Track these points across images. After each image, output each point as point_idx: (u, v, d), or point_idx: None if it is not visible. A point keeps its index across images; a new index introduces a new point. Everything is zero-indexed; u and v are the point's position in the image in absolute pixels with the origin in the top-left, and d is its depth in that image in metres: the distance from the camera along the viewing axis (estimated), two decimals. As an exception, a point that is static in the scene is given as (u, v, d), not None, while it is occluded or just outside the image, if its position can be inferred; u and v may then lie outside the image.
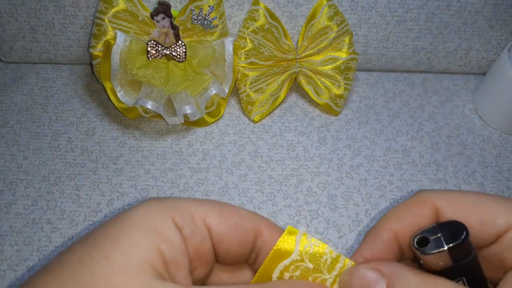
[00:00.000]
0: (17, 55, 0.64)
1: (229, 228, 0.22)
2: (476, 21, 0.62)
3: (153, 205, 0.21)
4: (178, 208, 0.21)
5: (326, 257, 0.23)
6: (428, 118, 0.63)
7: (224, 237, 0.22)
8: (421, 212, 0.24)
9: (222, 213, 0.22)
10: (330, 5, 0.58)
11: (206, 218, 0.22)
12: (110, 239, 0.19)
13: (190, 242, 0.21)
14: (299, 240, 0.23)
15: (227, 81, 0.58)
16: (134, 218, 0.20)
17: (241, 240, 0.23)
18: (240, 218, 0.23)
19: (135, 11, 0.55)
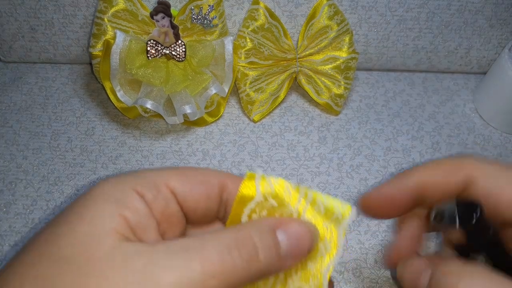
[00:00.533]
0: (16, 55, 0.63)
1: (192, 186, 0.23)
2: (476, 20, 0.62)
3: (114, 180, 0.22)
4: (139, 178, 0.22)
5: (287, 192, 0.24)
6: (428, 118, 0.63)
7: (188, 195, 0.23)
8: (454, 177, 0.24)
9: (184, 174, 0.23)
10: (330, 4, 0.58)
11: (169, 182, 0.23)
12: (74, 215, 0.20)
13: (155, 207, 0.22)
14: (259, 183, 0.24)
15: (227, 81, 0.58)
16: (97, 192, 0.21)
17: (206, 195, 0.23)
18: (203, 175, 0.24)
19: (135, 10, 0.55)
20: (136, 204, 0.21)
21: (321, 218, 0.24)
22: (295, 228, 0.22)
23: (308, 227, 0.23)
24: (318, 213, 0.24)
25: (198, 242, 0.20)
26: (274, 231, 0.22)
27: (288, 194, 0.24)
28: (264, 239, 0.21)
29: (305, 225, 0.23)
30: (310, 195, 0.24)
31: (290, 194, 0.24)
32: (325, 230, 0.24)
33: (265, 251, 0.21)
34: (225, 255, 0.19)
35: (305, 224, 0.23)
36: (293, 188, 0.24)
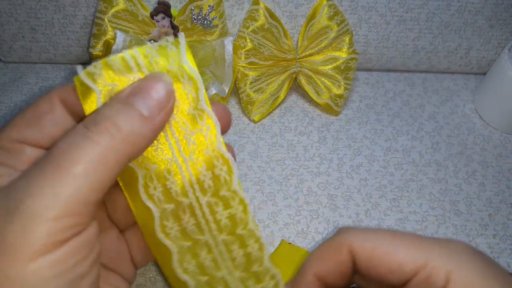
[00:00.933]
0: (16, 55, 0.64)
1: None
2: (476, 20, 0.62)
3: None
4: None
5: (116, 65, 0.23)
6: (428, 118, 0.63)
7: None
8: (340, 257, 0.25)
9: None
10: (330, 4, 0.58)
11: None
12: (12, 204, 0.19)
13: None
14: (90, 80, 0.23)
15: (227, 81, 0.58)
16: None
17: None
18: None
19: (135, 10, 0.55)
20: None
21: (161, 64, 0.23)
22: (140, 83, 0.22)
23: (152, 75, 0.22)
24: (155, 61, 0.23)
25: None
26: (126, 99, 0.21)
27: (118, 67, 0.23)
28: (115, 108, 0.21)
29: (150, 75, 0.22)
30: (136, 52, 0.23)
31: (119, 64, 0.23)
32: (173, 72, 0.23)
33: (123, 118, 0.21)
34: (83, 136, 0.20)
35: (152, 74, 0.23)
36: (118, 58, 0.23)
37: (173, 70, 0.23)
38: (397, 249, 0.24)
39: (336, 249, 0.25)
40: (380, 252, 0.24)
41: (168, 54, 0.23)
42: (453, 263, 0.22)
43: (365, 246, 0.24)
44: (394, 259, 0.23)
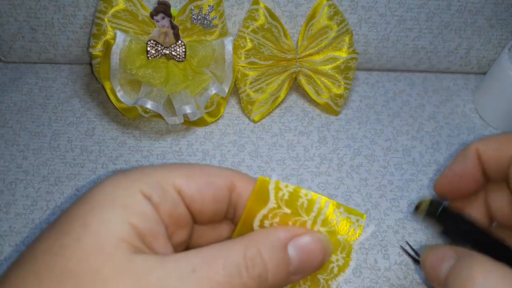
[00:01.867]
0: (16, 55, 0.63)
1: (199, 187, 0.22)
2: (476, 20, 0.62)
3: (118, 179, 0.21)
4: (145, 177, 0.21)
5: (302, 200, 0.23)
6: (428, 118, 0.63)
7: (196, 197, 0.22)
8: (508, 145, 0.26)
9: (190, 174, 0.22)
10: (330, 4, 0.58)
11: (175, 182, 0.22)
12: (78, 222, 0.19)
13: (162, 209, 0.21)
14: (273, 189, 0.23)
15: (227, 81, 0.58)
16: (101, 196, 0.20)
17: (214, 197, 0.22)
18: (210, 175, 0.23)
19: (135, 10, 0.55)
20: (144, 208, 0.20)
21: (337, 229, 0.23)
22: (307, 242, 0.22)
23: (321, 241, 0.22)
24: (334, 224, 0.23)
25: (206, 261, 0.19)
26: (285, 246, 0.21)
27: (303, 203, 0.23)
28: (275, 257, 0.20)
29: (318, 239, 0.22)
30: (327, 204, 0.23)
31: (306, 202, 0.23)
32: (339, 243, 0.23)
33: (275, 270, 0.20)
34: (234, 276, 0.19)
35: (319, 238, 0.22)
36: (309, 196, 0.23)
37: (340, 240, 0.23)
38: None
39: (506, 138, 0.27)
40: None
41: (348, 228, 0.23)
42: None
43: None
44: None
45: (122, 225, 0.19)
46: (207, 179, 0.22)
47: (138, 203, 0.20)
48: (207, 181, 0.22)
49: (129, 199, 0.20)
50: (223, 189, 0.23)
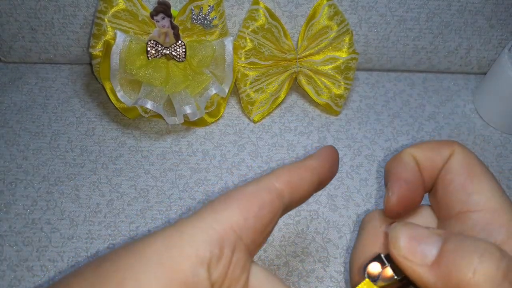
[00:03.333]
0: (16, 55, 0.63)
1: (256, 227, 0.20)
2: (476, 20, 0.62)
3: (171, 235, 0.18)
4: (204, 232, 0.18)
5: None
6: (428, 118, 0.63)
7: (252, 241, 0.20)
8: (441, 150, 0.23)
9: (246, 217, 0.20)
10: (330, 4, 0.58)
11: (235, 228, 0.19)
12: (115, 276, 0.17)
13: (217, 273, 0.18)
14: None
15: (227, 81, 0.58)
16: (148, 250, 0.18)
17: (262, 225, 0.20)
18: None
19: (135, 11, 0.55)
20: (193, 278, 0.17)
21: None
22: None
23: None
24: None
25: None
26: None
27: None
28: None
29: None
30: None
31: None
32: None
33: None
34: None
35: None
36: None
37: None
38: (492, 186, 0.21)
39: (439, 144, 0.23)
40: (473, 172, 0.22)
41: None
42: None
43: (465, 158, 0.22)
44: (480, 186, 0.21)
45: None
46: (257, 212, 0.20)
47: (186, 270, 0.17)
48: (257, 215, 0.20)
49: (180, 261, 0.17)
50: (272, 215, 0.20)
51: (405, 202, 0.23)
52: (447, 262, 0.18)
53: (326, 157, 0.22)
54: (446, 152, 0.23)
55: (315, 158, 0.22)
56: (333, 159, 0.23)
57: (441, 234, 0.19)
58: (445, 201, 0.23)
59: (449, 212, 0.22)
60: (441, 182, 0.23)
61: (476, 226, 0.21)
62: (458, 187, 0.22)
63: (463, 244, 0.18)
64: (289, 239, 0.50)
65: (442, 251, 0.18)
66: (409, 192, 0.23)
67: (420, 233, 0.20)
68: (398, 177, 0.23)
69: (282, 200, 0.20)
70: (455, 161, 0.22)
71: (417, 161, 0.23)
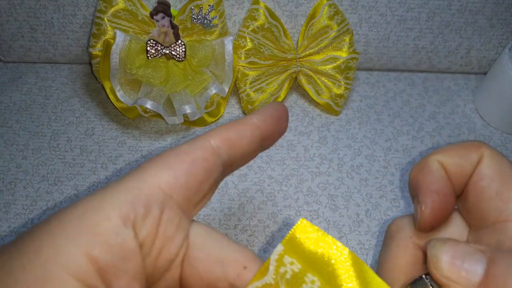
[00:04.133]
0: (16, 55, 0.63)
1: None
2: (477, 20, 0.62)
3: (95, 197, 0.17)
4: (129, 192, 0.17)
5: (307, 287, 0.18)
6: (428, 118, 0.63)
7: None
8: (469, 155, 0.21)
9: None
10: (331, 4, 0.58)
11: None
12: (32, 245, 0.16)
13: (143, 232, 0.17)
14: (275, 260, 0.18)
15: (227, 81, 0.58)
16: (68, 216, 0.17)
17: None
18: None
19: (135, 10, 0.55)
20: (114, 237, 0.16)
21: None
22: None
23: None
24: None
25: None
26: None
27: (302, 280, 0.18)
28: None
29: None
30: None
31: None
32: None
33: None
34: None
35: None
36: (317, 283, 0.18)
37: None
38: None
39: (466, 148, 0.22)
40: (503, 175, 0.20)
41: None
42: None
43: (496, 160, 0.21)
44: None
45: (78, 257, 0.16)
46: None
47: (107, 231, 0.16)
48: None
49: (101, 224, 0.16)
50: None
51: (439, 215, 0.22)
52: (497, 284, 0.17)
53: (269, 113, 0.21)
54: (475, 156, 0.22)
55: (257, 114, 0.21)
56: (278, 114, 0.21)
57: (484, 251, 0.18)
58: (479, 210, 0.21)
59: (483, 221, 0.21)
60: (473, 190, 0.22)
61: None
62: (492, 194, 0.21)
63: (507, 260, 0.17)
64: (289, 239, 0.50)
65: (490, 271, 0.17)
66: (442, 204, 0.22)
67: (463, 251, 0.18)
68: (429, 189, 0.21)
69: (218, 156, 0.19)
70: (486, 166, 0.21)
71: (445, 168, 0.22)
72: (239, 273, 0.18)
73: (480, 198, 0.21)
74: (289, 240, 0.19)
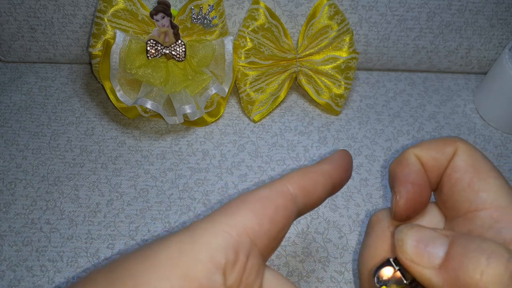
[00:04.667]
0: (16, 55, 0.63)
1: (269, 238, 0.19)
2: (477, 20, 0.62)
3: (186, 240, 0.18)
4: (218, 236, 0.18)
5: None
6: (429, 118, 0.63)
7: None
8: (445, 149, 0.22)
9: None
10: (331, 4, 0.58)
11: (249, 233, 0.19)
12: (133, 282, 0.17)
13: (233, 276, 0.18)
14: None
15: (227, 81, 0.58)
16: (166, 255, 0.17)
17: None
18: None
19: (135, 10, 0.55)
20: (208, 284, 0.17)
21: None
22: None
23: None
24: None
25: None
26: None
27: None
28: None
29: None
30: None
31: None
32: None
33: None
34: None
35: None
36: None
37: None
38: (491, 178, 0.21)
39: (444, 142, 0.23)
40: (478, 168, 0.21)
41: None
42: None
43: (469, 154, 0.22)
44: (484, 183, 0.21)
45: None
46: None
47: (202, 276, 0.17)
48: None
49: (193, 267, 0.17)
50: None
51: (414, 205, 0.23)
52: (454, 264, 0.18)
53: (340, 161, 0.22)
54: (450, 150, 0.22)
55: (329, 162, 0.22)
56: (347, 163, 0.23)
57: (448, 236, 0.19)
58: (452, 200, 0.22)
59: (456, 211, 0.22)
60: (447, 181, 0.22)
61: (484, 224, 0.20)
62: (464, 185, 0.21)
63: (470, 245, 0.18)
64: (289, 239, 0.50)
65: (449, 253, 0.18)
66: (417, 195, 0.22)
67: (427, 235, 0.19)
68: (404, 180, 0.22)
69: (295, 204, 0.20)
70: (459, 159, 0.22)
71: (421, 162, 0.23)
72: None
73: (453, 190, 0.22)
74: None
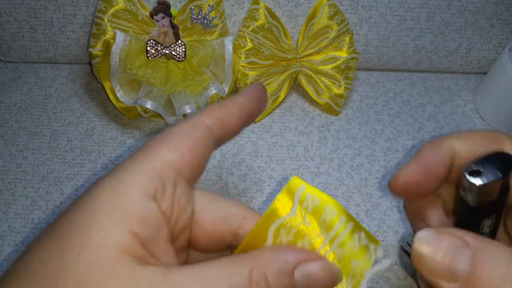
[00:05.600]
0: (16, 55, 0.63)
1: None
2: (477, 20, 0.62)
3: (115, 178, 0.19)
4: (144, 171, 0.19)
5: (325, 216, 0.22)
6: (429, 118, 0.63)
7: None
8: (488, 145, 0.23)
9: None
10: (331, 4, 0.58)
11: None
12: (80, 234, 0.18)
13: (165, 204, 0.20)
14: (298, 198, 0.22)
15: (227, 81, 0.58)
16: (100, 202, 0.18)
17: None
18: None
19: (135, 10, 0.55)
20: (145, 213, 0.18)
21: (353, 254, 0.21)
22: (316, 270, 0.20)
23: (331, 270, 0.20)
24: (351, 248, 0.21)
25: (211, 284, 0.18)
26: (292, 271, 0.20)
27: (325, 219, 0.21)
28: (281, 283, 0.19)
29: (328, 268, 0.20)
30: (349, 226, 0.21)
31: (328, 219, 0.21)
32: (351, 268, 0.21)
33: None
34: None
35: (329, 267, 0.21)
36: (333, 214, 0.21)
37: (353, 266, 0.21)
38: None
39: (486, 141, 0.23)
40: None
41: (364, 256, 0.22)
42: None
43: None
44: None
45: (122, 235, 0.18)
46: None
47: (139, 207, 0.18)
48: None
49: (129, 203, 0.18)
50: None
51: (411, 187, 0.24)
52: (478, 284, 0.19)
53: (252, 93, 0.24)
54: (493, 148, 0.22)
55: (242, 95, 0.23)
56: (259, 95, 0.24)
57: (469, 244, 0.19)
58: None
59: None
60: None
61: None
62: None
63: (496, 261, 0.18)
64: (289, 239, 0.50)
65: (473, 269, 0.19)
66: (421, 180, 0.23)
67: (447, 245, 0.20)
68: (421, 161, 0.23)
69: (212, 135, 0.22)
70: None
71: (454, 155, 0.23)
72: (240, 224, 0.22)
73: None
74: (309, 186, 0.23)
